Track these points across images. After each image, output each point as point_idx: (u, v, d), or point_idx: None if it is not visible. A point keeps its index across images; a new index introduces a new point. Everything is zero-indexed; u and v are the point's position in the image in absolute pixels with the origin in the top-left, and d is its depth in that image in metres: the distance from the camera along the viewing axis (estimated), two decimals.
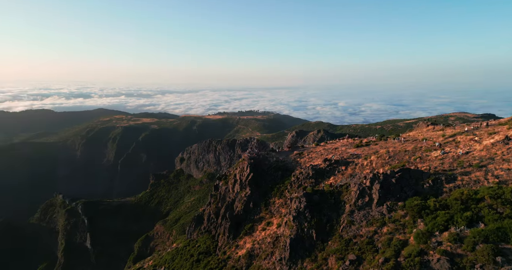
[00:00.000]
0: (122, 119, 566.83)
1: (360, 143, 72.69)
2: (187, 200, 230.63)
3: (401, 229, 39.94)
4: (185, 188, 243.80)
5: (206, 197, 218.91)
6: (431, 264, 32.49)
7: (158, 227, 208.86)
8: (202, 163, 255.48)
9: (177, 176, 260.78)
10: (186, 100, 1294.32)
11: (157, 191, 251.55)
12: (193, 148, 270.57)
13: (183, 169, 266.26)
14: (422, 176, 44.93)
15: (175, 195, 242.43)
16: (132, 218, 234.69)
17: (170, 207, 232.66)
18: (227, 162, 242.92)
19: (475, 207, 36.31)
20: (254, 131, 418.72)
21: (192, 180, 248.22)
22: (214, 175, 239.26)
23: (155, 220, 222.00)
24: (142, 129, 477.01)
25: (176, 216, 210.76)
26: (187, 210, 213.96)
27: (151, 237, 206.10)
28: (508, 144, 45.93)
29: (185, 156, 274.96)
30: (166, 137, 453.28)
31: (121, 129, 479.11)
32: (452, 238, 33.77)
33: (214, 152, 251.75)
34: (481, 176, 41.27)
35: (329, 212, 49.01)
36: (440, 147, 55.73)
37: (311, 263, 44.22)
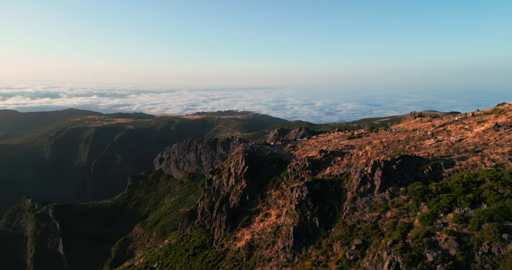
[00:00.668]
0: (95, 119, 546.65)
1: (352, 135, 74.32)
2: (167, 200, 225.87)
3: (405, 213, 41.13)
4: (165, 188, 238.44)
5: (188, 197, 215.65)
6: (439, 244, 33.68)
7: (137, 229, 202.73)
8: (183, 163, 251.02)
9: (156, 176, 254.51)
10: (162, 100, 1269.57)
11: (135, 192, 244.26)
12: (173, 148, 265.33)
13: (163, 169, 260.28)
14: (421, 162, 46.54)
15: (155, 196, 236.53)
16: (109, 220, 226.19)
17: (149, 208, 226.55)
18: (208, 162, 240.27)
19: (476, 189, 38.07)
20: (234, 131, 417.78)
21: (172, 180, 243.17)
22: (195, 175, 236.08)
23: (133, 222, 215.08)
24: (117, 129, 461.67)
25: (156, 217, 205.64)
26: (167, 211, 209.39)
27: (130, 240, 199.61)
28: (499, 130, 48.60)
29: (164, 156, 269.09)
30: (143, 137, 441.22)
31: (94, 130, 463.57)
32: (457, 219, 35.16)
33: (195, 152, 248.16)
34: (478, 160, 43.36)
35: (331, 200, 49.70)
36: (432, 135, 58.00)
37: (315, 249, 44.63)
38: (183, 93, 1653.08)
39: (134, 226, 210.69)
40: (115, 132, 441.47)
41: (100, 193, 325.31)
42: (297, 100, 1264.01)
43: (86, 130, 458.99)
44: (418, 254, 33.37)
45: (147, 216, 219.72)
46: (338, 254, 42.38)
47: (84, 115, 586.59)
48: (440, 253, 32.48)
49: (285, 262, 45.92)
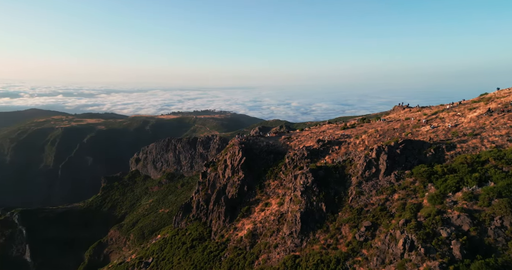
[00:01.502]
0: (62, 120, 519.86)
1: (345, 126, 75.72)
2: (145, 202, 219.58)
3: (413, 194, 42.35)
4: (142, 189, 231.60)
5: (167, 198, 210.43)
6: (452, 221, 34.93)
7: (113, 232, 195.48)
8: (161, 163, 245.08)
9: (132, 177, 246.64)
10: (135, 100, 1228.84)
11: (110, 195, 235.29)
12: (150, 148, 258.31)
13: (139, 170, 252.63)
14: (423, 145, 48.19)
15: (131, 197, 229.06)
16: (81, 224, 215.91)
17: (125, 210, 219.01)
18: (188, 161, 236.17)
19: (481, 169, 39.92)
20: (212, 131, 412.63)
21: (150, 181, 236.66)
22: (174, 175, 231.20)
23: (108, 225, 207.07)
24: (86, 130, 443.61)
25: (133, 220, 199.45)
26: (145, 213, 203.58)
27: (105, 244, 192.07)
28: (492, 115, 51.34)
29: (141, 156, 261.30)
30: (116, 138, 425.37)
31: (61, 131, 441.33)
32: (467, 197, 36.66)
33: (173, 151, 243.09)
34: (478, 142, 45.52)
35: (336, 186, 50.37)
36: (427, 123, 60.22)
37: (323, 233, 45.04)
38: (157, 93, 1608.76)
39: (109, 229, 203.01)
40: (84, 133, 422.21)
41: (70, 197, 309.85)
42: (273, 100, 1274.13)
43: (52, 132, 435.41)
44: (432, 231, 34.45)
45: (124, 218, 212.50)
46: (347, 236, 42.91)
47: (49, 115, 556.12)
48: (453, 229, 33.72)
49: (293, 247, 46.00)
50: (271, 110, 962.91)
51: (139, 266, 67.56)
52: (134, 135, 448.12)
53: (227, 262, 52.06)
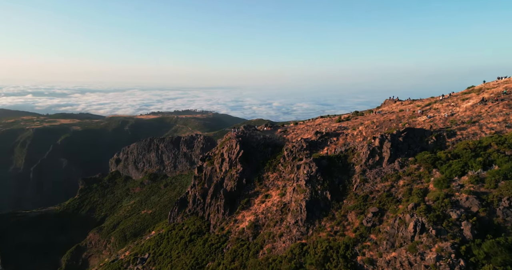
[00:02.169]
0: (33, 120, 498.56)
1: (340, 118, 76.78)
2: (126, 203, 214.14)
3: (418, 180, 43.40)
4: (123, 191, 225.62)
5: (149, 199, 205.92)
6: (461, 203, 36.01)
7: (92, 236, 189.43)
8: (142, 163, 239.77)
9: (112, 178, 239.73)
10: (111, 100, 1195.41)
11: (88, 197, 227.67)
12: (131, 148, 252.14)
13: (120, 170, 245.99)
14: (425, 133, 49.56)
15: (111, 199, 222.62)
16: (58, 228, 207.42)
17: (105, 212, 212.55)
18: (171, 161, 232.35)
19: (484, 153, 41.53)
20: (194, 130, 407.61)
21: (131, 182, 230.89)
22: (157, 175, 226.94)
23: (87, 229, 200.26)
24: (60, 131, 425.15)
25: (114, 222, 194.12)
26: (127, 214, 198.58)
27: (84, 247, 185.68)
28: (487, 104, 53.56)
29: (121, 156, 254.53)
30: (92, 139, 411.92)
31: (32, 132, 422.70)
32: (473, 180, 37.94)
33: (156, 151, 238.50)
34: (477, 129, 47.32)
35: (339, 174, 50.97)
36: (422, 113, 62.00)
37: (329, 221, 45.49)
38: (135, 92, 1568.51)
39: (88, 232, 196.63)
40: (58, 134, 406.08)
41: (43, 201, 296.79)
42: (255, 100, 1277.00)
43: (22, 133, 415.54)
44: (442, 213, 35.38)
45: (104, 221, 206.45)
46: (354, 223, 43.41)
47: (18, 116, 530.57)
48: (463, 211, 34.78)
49: (299, 235, 46.14)
50: (253, 110, 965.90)
51: (135, 262, 65.73)
52: (113, 135, 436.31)
53: (230, 253, 51.73)
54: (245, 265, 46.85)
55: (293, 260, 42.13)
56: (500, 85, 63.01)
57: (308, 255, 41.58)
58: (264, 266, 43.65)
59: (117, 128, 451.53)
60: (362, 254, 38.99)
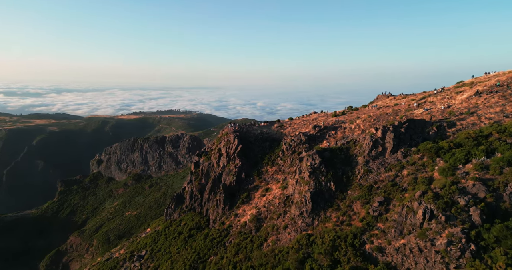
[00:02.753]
0: (5, 121, 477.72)
1: (335, 113, 77.50)
2: (109, 205, 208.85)
3: (422, 169, 44.25)
4: (105, 192, 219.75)
5: (133, 200, 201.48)
6: (468, 189, 36.93)
7: (73, 239, 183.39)
8: (126, 164, 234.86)
9: (94, 180, 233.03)
10: (90, 99, 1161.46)
11: (68, 199, 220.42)
12: (114, 148, 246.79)
13: (102, 171, 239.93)
14: (426, 124, 50.70)
15: (93, 201, 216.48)
16: (36, 232, 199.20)
17: (87, 215, 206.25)
18: (156, 161, 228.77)
19: (486, 142, 42.81)
20: (178, 130, 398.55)
21: (114, 183, 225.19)
22: (141, 175, 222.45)
23: (68, 232, 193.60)
24: (35, 132, 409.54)
25: (97, 224, 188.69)
26: (110, 216, 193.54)
27: (64, 252, 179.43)
28: (482, 96, 55.36)
29: (103, 157, 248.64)
30: (71, 139, 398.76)
31: (5, 133, 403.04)
32: (478, 167, 39.00)
33: (140, 151, 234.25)
34: (475, 120, 48.77)
35: (342, 166, 51.40)
36: (418, 106, 63.37)
37: (335, 212, 45.85)
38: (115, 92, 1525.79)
39: (68, 236, 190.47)
40: (33, 135, 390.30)
41: (18, 205, 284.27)
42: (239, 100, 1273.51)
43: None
44: (450, 200, 36.13)
45: (85, 223, 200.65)
46: (360, 213, 43.81)
47: None
48: (470, 197, 35.67)
49: (304, 226, 46.19)
50: (237, 110, 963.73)
51: (131, 259, 63.90)
52: (92, 136, 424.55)
53: (233, 246, 51.21)
54: (250, 257, 46.43)
55: (300, 250, 42.02)
56: (492, 79, 65.30)
57: (316, 245, 41.59)
58: (270, 258, 43.36)
59: (97, 129, 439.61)
60: (371, 242, 39.32)
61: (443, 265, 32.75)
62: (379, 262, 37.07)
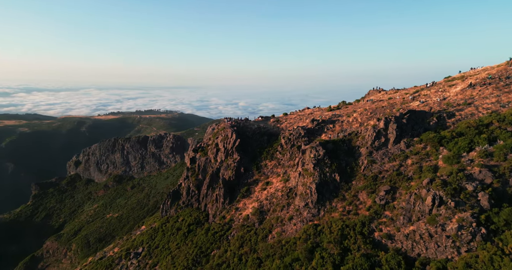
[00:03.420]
0: None
1: (330, 108, 78.47)
2: (89, 208, 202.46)
3: (426, 158, 45.35)
4: (84, 194, 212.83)
5: (115, 202, 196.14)
6: (474, 176, 38.15)
7: (50, 244, 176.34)
8: (106, 165, 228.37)
9: (71, 182, 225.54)
10: (63, 99, 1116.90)
11: (43, 203, 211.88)
12: (93, 149, 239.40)
13: (80, 173, 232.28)
14: (426, 115, 52.03)
15: (71, 204, 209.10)
16: (8, 238, 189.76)
17: (64, 219, 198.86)
18: (138, 162, 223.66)
19: (487, 130, 44.41)
20: (159, 130, 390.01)
21: (94, 185, 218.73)
22: (123, 176, 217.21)
23: (43, 237, 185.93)
24: (4, 133, 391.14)
25: (75, 228, 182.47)
26: (89, 219, 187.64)
27: (40, 257, 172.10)
28: (475, 88, 57.52)
29: (81, 158, 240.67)
30: (43, 141, 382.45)
31: None
32: (482, 154, 40.37)
33: (121, 151, 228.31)
34: (473, 110, 50.54)
35: (345, 157, 52.06)
36: (413, 99, 65.07)
37: (340, 202, 46.39)
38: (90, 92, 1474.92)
39: (44, 241, 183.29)
40: (1, 137, 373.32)
41: None
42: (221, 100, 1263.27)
43: None
44: (458, 186, 37.19)
45: (63, 227, 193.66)
46: (366, 202, 44.43)
47: None
48: (477, 183, 36.86)
49: (310, 217, 46.42)
50: (219, 110, 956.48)
51: (128, 257, 61.98)
52: (67, 137, 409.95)
53: (237, 239, 50.93)
54: (255, 249, 46.13)
55: (308, 240, 42.06)
56: (482, 73, 67.94)
57: (324, 235, 41.77)
58: (277, 249, 43.15)
59: (73, 130, 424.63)
60: (379, 230, 39.89)
61: (454, 249, 33.62)
62: (389, 248, 37.63)
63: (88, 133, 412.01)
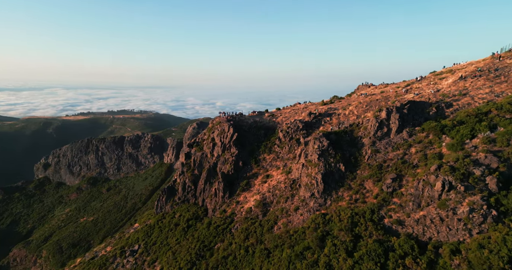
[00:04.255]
0: None
1: (323, 102, 79.79)
2: (60, 212, 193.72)
3: (430, 146, 46.91)
4: (55, 198, 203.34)
5: (90, 205, 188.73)
6: (481, 161, 39.83)
7: (17, 252, 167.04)
8: (79, 167, 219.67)
9: (40, 186, 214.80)
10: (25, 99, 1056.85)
11: (8, 208, 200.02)
12: (64, 150, 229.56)
13: (50, 176, 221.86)
14: (425, 105, 53.80)
15: (40, 209, 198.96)
16: None
17: (33, 224, 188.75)
18: (114, 163, 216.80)
19: (486, 118, 46.52)
20: (134, 131, 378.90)
21: (65, 188, 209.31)
22: (97, 179, 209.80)
23: (9, 245, 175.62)
24: None
25: (46, 234, 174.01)
26: (61, 224, 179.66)
27: (5, 267, 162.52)
28: (467, 80, 60.35)
29: (51, 160, 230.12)
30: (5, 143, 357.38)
31: None
32: (485, 140, 42.26)
33: (95, 153, 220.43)
34: (469, 100, 52.88)
35: (349, 148, 53.07)
36: (407, 92, 67.20)
37: (346, 191, 47.20)
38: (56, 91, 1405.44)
39: (11, 248, 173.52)
40: None
41: None
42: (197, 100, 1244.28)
43: None
44: (466, 171, 38.67)
45: (31, 234, 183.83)
46: (372, 190, 45.35)
47: None
48: (485, 168, 38.46)
49: (317, 207, 46.80)
50: (196, 110, 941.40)
51: (123, 255, 59.51)
52: (32, 138, 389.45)
53: (241, 232, 50.70)
54: (261, 240, 45.89)
55: (318, 229, 42.33)
56: (469, 66, 71.32)
57: (333, 223, 42.17)
58: (285, 238, 43.08)
59: (38, 131, 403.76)
60: (389, 217, 40.74)
61: (466, 232, 34.83)
62: (400, 234, 38.48)
63: (56, 135, 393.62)
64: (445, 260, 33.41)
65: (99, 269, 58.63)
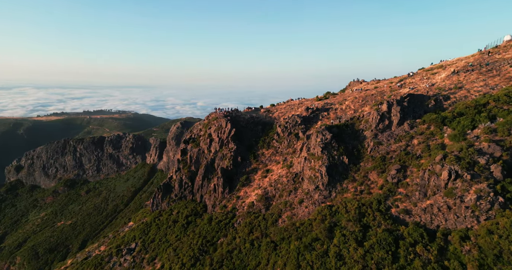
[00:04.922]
0: None
1: (318, 98, 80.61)
2: (35, 216, 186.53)
3: (431, 137, 48.21)
4: (28, 202, 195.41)
5: (67, 208, 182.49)
6: (484, 150, 41.29)
7: None
8: (55, 169, 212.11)
9: (12, 189, 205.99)
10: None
11: None
12: (38, 152, 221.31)
13: (22, 179, 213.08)
14: (424, 98, 55.24)
15: (12, 213, 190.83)
16: None
17: (5, 230, 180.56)
18: (93, 164, 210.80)
19: (485, 110, 48.28)
20: (113, 131, 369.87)
21: (40, 191, 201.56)
22: (75, 181, 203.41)
23: None
24: None
25: (20, 239, 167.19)
26: (36, 229, 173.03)
27: None
28: (460, 75, 62.52)
29: (24, 162, 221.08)
30: None
31: None
32: (487, 131, 43.84)
33: (73, 154, 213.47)
34: (466, 93, 54.79)
35: (351, 141, 53.90)
36: (401, 87, 68.91)
37: (351, 183, 48.00)
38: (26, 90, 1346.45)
39: None
40: None
41: None
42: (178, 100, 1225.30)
43: None
44: (471, 160, 39.97)
45: (3, 240, 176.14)
46: (377, 181, 46.18)
47: None
48: (488, 157, 39.85)
49: (322, 199, 47.26)
50: (177, 110, 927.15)
51: (119, 253, 57.57)
52: (1, 140, 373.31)
53: (244, 226, 50.55)
54: (266, 234, 45.75)
55: (325, 220, 42.63)
56: (459, 62, 74.04)
57: (340, 214, 42.58)
58: (292, 231, 43.15)
59: (7, 132, 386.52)
60: (396, 206, 41.60)
61: (474, 219, 35.95)
62: (408, 223, 39.30)
63: (27, 136, 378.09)
64: (455, 247, 34.33)
65: (94, 268, 56.65)
